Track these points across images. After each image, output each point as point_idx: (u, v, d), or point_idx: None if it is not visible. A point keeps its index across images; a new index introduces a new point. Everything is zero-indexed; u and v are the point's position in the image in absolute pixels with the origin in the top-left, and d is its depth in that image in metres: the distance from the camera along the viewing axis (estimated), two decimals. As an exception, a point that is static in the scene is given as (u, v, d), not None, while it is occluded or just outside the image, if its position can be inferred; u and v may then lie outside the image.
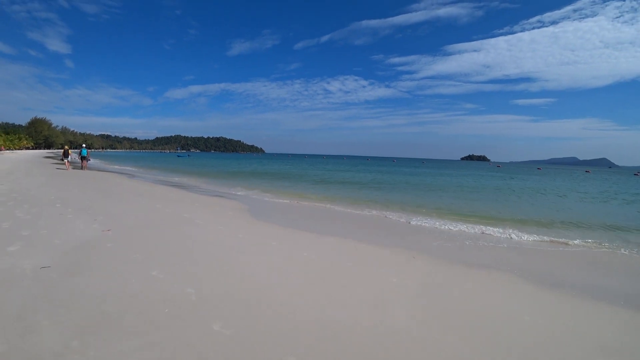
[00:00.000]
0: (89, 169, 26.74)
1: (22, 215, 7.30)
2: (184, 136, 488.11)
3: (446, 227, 9.82)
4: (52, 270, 4.23)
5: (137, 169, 32.56)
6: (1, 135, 69.51)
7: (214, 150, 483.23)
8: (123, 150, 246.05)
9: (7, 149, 61.23)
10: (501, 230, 9.43)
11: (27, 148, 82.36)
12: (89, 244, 5.54)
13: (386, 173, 41.57)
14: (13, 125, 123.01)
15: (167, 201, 11.18)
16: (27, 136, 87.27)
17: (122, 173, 25.21)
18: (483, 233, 9.18)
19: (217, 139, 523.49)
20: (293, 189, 18.51)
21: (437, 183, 27.52)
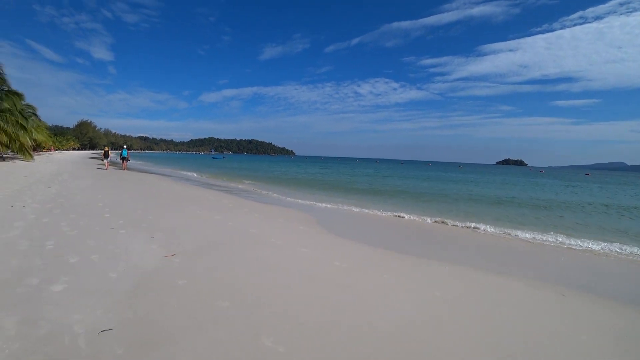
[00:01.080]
0: (129, 169, 27.03)
1: (69, 230, 6.10)
2: (217, 138, 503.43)
3: (583, 245, 7.75)
4: (115, 337, 2.74)
5: (177, 171, 32.33)
6: (52, 137, 73.63)
7: (246, 152, 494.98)
8: (160, 151, 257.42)
9: (56, 150, 64.57)
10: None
11: (74, 149, 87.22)
12: (153, 280, 4.10)
13: (437, 180, 38.77)
14: (62, 127, 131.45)
15: (223, 210, 9.84)
16: (74, 138, 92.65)
17: (163, 175, 24.77)
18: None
19: (250, 141, 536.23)
20: (348, 196, 16.72)
21: (506, 194, 24.56)
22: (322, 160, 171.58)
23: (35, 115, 38.23)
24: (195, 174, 28.20)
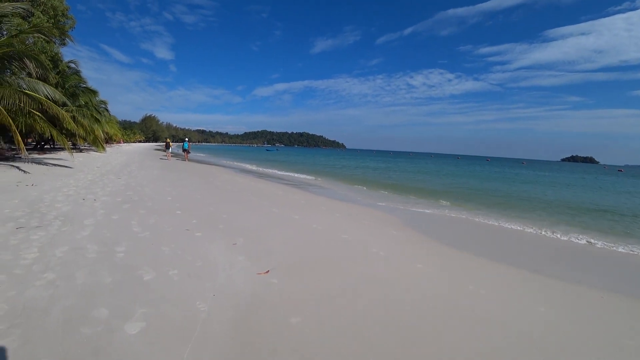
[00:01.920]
0: (190, 160, 27.57)
1: (140, 231, 5.28)
2: (270, 131, 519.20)
3: None
4: None
5: (235, 162, 32.48)
6: (121, 130, 79.83)
7: (297, 145, 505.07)
8: (216, 143, 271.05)
9: (124, 142, 69.64)
10: None
11: (139, 141, 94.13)
12: (256, 315, 2.95)
13: (515, 181, 34.90)
14: (129, 121, 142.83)
15: (298, 208, 8.72)
16: (139, 131, 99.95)
17: (223, 166, 24.71)
18: None
19: (300, 134, 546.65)
20: (427, 197, 14.83)
21: (607, 200, 20.92)
22: (375, 154, 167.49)
23: (107, 110, 40.95)
24: (254, 166, 27.95)
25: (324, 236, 6.13)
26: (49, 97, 13.36)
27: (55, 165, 14.14)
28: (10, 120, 10.18)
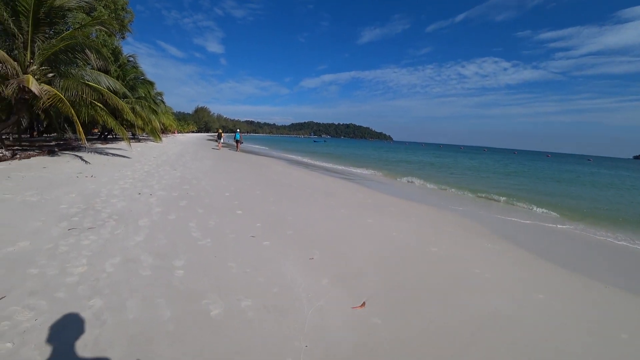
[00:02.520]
0: (242, 150, 28.16)
1: (200, 238, 4.53)
2: (316, 122, 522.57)
3: None
4: None
5: (286, 154, 32.08)
6: (175, 121, 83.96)
7: (344, 136, 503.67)
8: (264, 134, 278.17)
9: (179, 132, 72.99)
10: None
11: (192, 131, 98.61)
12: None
13: (597, 184, 30.88)
14: (183, 113, 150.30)
15: (369, 209, 7.67)
16: (192, 122, 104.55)
17: (275, 157, 24.25)
18: None
19: (347, 126, 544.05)
20: (509, 196, 12.96)
21: None
22: (424, 146, 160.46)
23: (163, 101, 42.60)
24: (306, 158, 27.15)
25: (410, 249, 5.00)
26: (110, 88, 13.48)
27: (115, 155, 14.36)
28: (73, 111, 10.17)
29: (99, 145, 19.65)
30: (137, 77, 27.77)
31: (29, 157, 11.27)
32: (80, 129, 10.39)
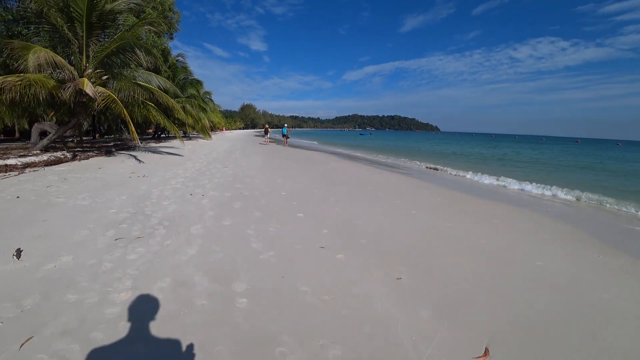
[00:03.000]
0: (290, 145, 27.99)
1: (261, 249, 3.83)
2: (360, 115, 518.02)
3: None
4: None
5: (334, 147, 31.26)
6: (223, 119, 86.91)
7: (389, 128, 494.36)
8: (308, 128, 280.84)
9: (226, 130, 75.26)
10: None
11: (239, 128, 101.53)
12: None
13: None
14: (230, 111, 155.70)
15: (441, 211, 6.62)
16: (239, 119, 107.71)
17: (325, 152, 23.51)
18: None
19: (392, 117, 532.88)
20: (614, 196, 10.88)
21: None
22: (474, 137, 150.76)
23: (212, 100, 43.69)
24: (357, 152, 26.02)
25: (511, 263, 3.88)
26: (161, 87, 13.49)
27: (167, 153, 14.45)
28: (126, 111, 10.10)
29: (153, 144, 20.20)
30: (186, 77, 28.42)
31: (88, 158, 11.50)
32: (133, 128, 10.33)
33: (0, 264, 3.18)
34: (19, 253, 3.42)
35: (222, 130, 67.02)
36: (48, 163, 9.66)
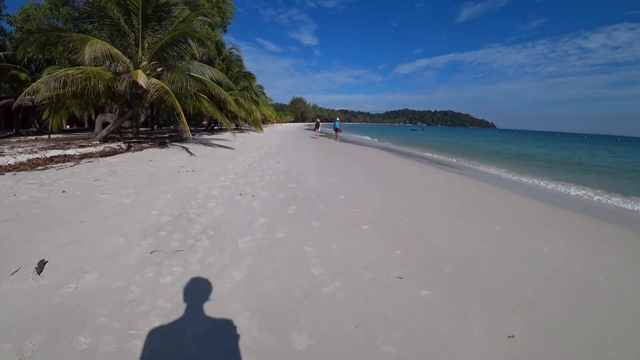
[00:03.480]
0: (341, 140, 26.99)
1: (323, 275, 3.06)
2: (411, 110, 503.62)
3: None
4: None
5: (386, 143, 29.82)
6: (274, 112, 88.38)
7: (441, 124, 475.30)
8: (357, 122, 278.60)
9: (277, 123, 76.30)
10: None
11: (290, 121, 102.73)
12: None
13: None
14: (280, 104, 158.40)
15: (526, 224, 5.37)
16: (289, 112, 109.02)
17: (378, 148, 22.30)
18: None
19: (444, 113, 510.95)
20: None
21: None
22: (536, 135, 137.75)
23: (264, 93, 44.01)
24: (413, 149, 24.17)
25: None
26: (213, 79, 13.23)
27: (219, 146, 14.27)
28: (177, 103, 9.85)
29: (206, 136, 20.40)
30: (240, 69, 28.56)
31: (141, 149, 11.53)
32: (184, 120, 10.06)
33: (18, 280, 2.67)
34: (41, 266, 2.90)
35: (273, 123, 67.92)
36: (103, 154, 9.70)
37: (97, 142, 12.28)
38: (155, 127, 30.25)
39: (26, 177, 6.24)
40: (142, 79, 9.09)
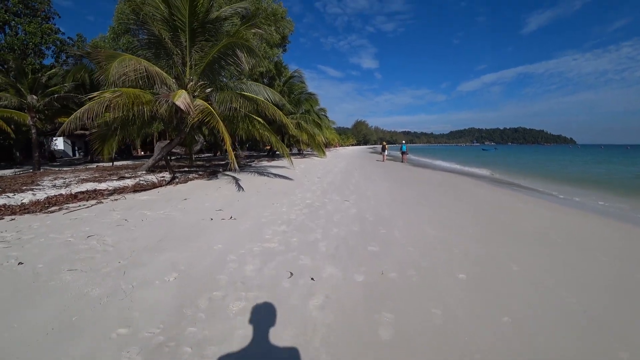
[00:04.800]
0: (409, 163, 25.28)
1: None
2: (478, 128, 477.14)
3: None
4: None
5: (460, 166, 25.89)
6: (337, 136, 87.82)
7: (512, 142, 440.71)
8: (421, 144, 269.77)
9: (340, 146, 75.07)
10: None
11: (352, 145, 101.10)
12: None
13: None
14: (343, 128, 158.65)
15: None
16: (352, 135, 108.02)
17: (458, 172, 18.90)
18: None
19: (515, 130, 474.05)
20: None
21: None
22: (631, 149, 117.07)
23: (326, 117, 42.73)
24: (497, 174, 19.71)
25: None
26: (269, 100, 11.50)
27: (276, 175, 12.40)
28: (222, 125, 8.07)
29: (265, 163, 18.95)
30: (302, 91, 27.39)
31: (186, 181, 10.01)
32: (229, 146, 8.20)
33: None
34: None
35: (336, 147, 66.67)
36: (137, 189, 8.21)
37: (144, 172, 11.08)
38: (218, 153, 30.08)
39: (16, 227, 4.69)
40: (180, 100, 7.48)
